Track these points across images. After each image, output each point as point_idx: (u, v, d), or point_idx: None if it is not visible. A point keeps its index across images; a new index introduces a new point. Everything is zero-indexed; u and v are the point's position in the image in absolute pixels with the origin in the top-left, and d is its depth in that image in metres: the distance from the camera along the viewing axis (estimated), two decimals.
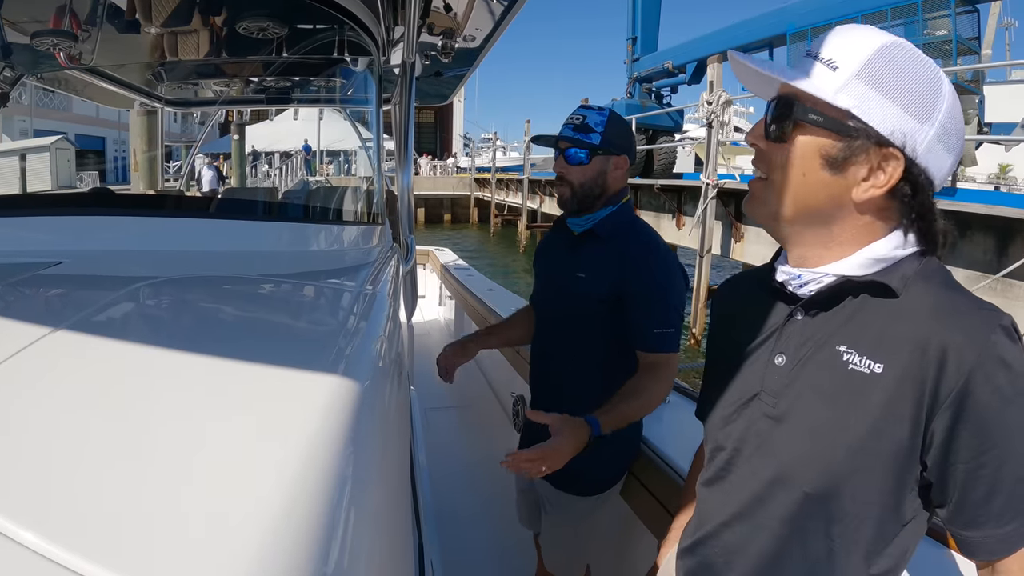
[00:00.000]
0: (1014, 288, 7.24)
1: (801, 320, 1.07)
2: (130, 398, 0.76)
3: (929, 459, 0.96)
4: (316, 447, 0.69)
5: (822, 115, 0.98)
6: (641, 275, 2.00)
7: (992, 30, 12.51)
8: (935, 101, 0.95)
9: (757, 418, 1.11)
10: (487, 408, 4.57)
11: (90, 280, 1.37)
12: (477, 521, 3.41)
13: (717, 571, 1.19)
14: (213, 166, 4.87)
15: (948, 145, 0.97)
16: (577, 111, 2.09)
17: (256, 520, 0.56)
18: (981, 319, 0.92)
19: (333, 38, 2.20)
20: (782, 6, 14.30)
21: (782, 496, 1.06)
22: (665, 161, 17.02)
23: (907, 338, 0.95)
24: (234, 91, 3.14)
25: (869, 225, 1.01)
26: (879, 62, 0.95)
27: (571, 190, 2.07)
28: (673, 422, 2.43)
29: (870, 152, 0.96)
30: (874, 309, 1.00)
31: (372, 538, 0.74)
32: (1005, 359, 0.90)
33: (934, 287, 0.98)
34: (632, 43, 19.99)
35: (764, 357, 1.12)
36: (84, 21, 1.94)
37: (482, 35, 2.84)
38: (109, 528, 0.53)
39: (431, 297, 7.41)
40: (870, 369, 0.97)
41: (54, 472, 0.60)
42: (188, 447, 0.67)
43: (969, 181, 19.97)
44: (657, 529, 2.08)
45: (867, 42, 0.97)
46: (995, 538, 0.95)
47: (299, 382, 0.87)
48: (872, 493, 0.99)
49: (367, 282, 1.66)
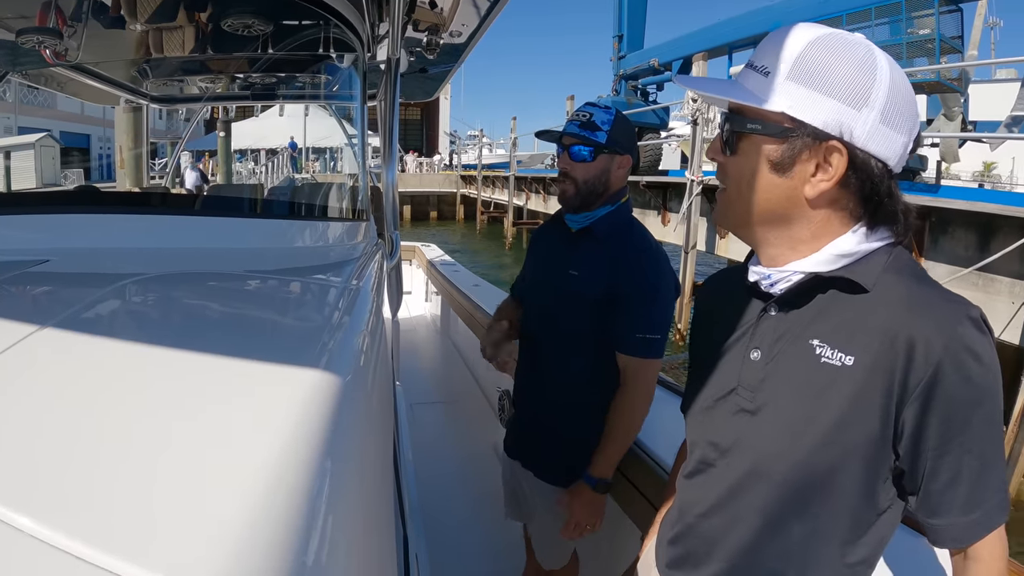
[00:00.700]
0: (995, 283, 7.32)
1: (774, 316, 1.09)
2: (116, 393, 0.77)
3: (901, 448, 0.98)
4: (296, 441, 0.70)
5: (760, 122, 1.01)
6: (632, 279, 2.01)
7: (978, 30, 12.59)
8: (870, 85, 0.96)
9: (734, 412, 1.13)
10: (473, 403, 4.59)
11: (77, 278, 1.38)
12: (464, 514, 3.43)
13: (696, 561, 1.21)
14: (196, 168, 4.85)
15: (896, 124, 0.97)
16: (584, 108, 2.09)
17: (235, 513, 0.56)
18: (949, 311, 0.94)
19: (318, 35, 2.20)
20: (768, 4, 14.35)
21: (758, 488, 1.08)
22: (651, 158, 17.03)
23: (877, 330, 0.97)
24: (220, 88, 3.14)
25: (828, 219, 1.03)
26: (806, 59, 0.97)
27: (575, 187, 2.07)
28: (659, 418, 2.45)
29: (812, 148, 0.99)
30: (845, 303, 1.02)
31: (352, 531, 0.74)
32: (973, 349, 0.92)
33: (904, 280, 1.00)
34: (618, 40, 19.98)
35: (740, 353, 1.14)
36: (69, 17, 1.94)
37: (468, 31, 2.84)
38: (90, 521, 0.53)
39: (417, 293, 7.40)
40: (841, 362, 0.99)
41: (41, 464, 0.61)
42: (170, 441, 0.68)
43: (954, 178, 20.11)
44: (643, 523, 2.11)
45: (795, 42, 0.99)
46: (959, 526, 0.98)
47: (280, 376, 0.88)
48: (846, 483, 1.01)
49: (351, 278, 1.67)
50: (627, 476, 2.27)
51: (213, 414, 0.75)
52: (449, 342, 6.03)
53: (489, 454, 3.60)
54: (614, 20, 20.25)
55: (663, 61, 18.15)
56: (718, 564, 1.17)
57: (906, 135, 0.99)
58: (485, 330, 2.45)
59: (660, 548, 1.34)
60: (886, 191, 1.00)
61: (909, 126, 0.99)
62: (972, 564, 1.00)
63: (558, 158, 2.12)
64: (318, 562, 0.60)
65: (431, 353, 6.24)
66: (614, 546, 2.54)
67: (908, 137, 0.99)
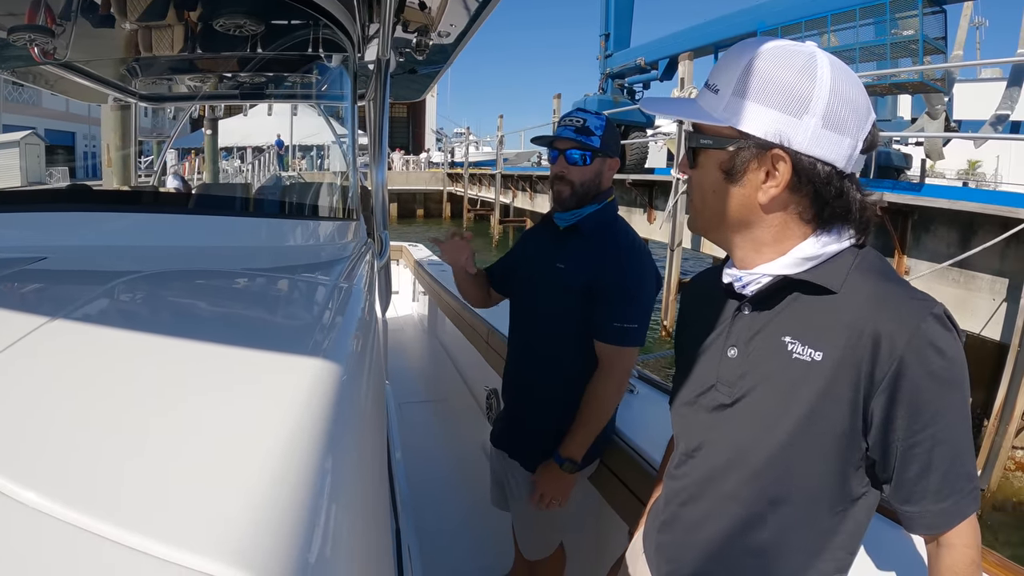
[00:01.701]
0: (976, 280, 7.42)
1: (748, 315, 1.15)
2: (117, 390, 0.78)
3: (870, 439, 1.03)
4: (298, 435, 0.72)
5: (711, 137, 1.08)
6: (613, 272, 2.10)
7: (964, 30, 12.70)
8: (809, 92, 1.00)
9: (714, 407, 1.18)
10: (461, 402, 4.61)
11: (75, 275, 1.39)
12: (453, 511, 3.46)
13: (680, 549, 1.26)
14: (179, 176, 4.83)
15: (840, 127, 1.01)
16: (575, 113, 2.17)
17: (241, 509, 0.57)
18: (913, 307, 0.99)
19: (308, 35, 2.21)
20: (754, 4, 14.42)
21: (736, 478, 1.13)
22: (637, 156, 17.09)
23: (844, 327, 1.02)
24: (209, 87, 3.14)
25: (786, 222, 1.08)
26: (749, 73, 1.02)
27: (571, 189, 2.15)
28: (643, 413, 2.50)
29: (760, 158, 1.04)
30: (814, 302, 1.07)
31: (352, 525, 0.76)
32: (936, 344, 0.96)
33: (870, 279, 1.05)
34: (605, 39, 20.02)
35: (718, 350, 1.19)
36: (59, 16, 1.94)
37: (456, 31, 2.86)
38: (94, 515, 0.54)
39: (405, 293, 7.41)
40: (811, 357, 1.04)
41: (47, 458, 0.62)
42: (171, 439, 0.69)
43: (939, 176, 20.28)
44: (627, 515, 2.15)
45: (740, 58, 1.05)
46: (932, 513, 1.02)
47: (278, 375, 0.89)
48: (819, 473, 1.06)
49: (342, 277, 1.69)
50: (611, 468, 2.32)
51: (217, 409, 0.77)
52: (437, 342, 6.04)
53: (477, 452, 3.62)
54: (601, 19, 20.30)
55: (649, 60, 18.21)
56: (701, 551, 1.21)
57: (852, 136, 1.02)
58: None
59: (648, 537, 1.40)
60: (836, 192, 1.04)
61: (856, 127, 1.02)
62: (945, 551, 1.04)
63: (552, 161, 2.19)
64: (322, 554, 0.61)
65: (419, 353, 6.26)
66: (599, 538, 2.57)
67: (855, 138, 1.03)
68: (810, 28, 12.40)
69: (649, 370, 3.05)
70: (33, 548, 0.51)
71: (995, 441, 6.80)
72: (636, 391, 2.72)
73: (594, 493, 2.44)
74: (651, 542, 1.36)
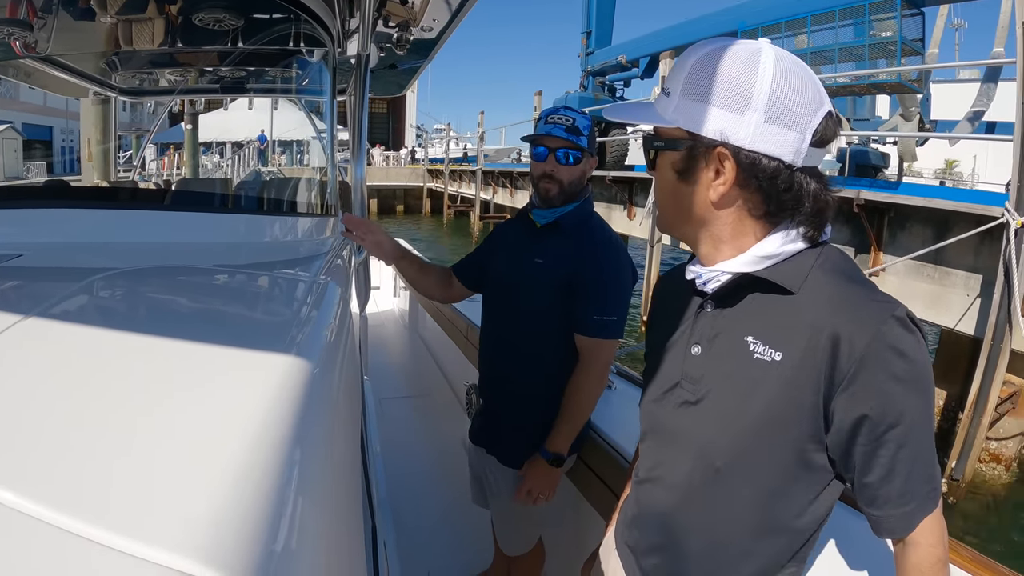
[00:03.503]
0: (950, 276, 7.53)
1: (711, 313, 1.16)
2: (88, 388, 0.78)
3: (829, 440, 1.04)
4: (263, 430, 0.72)
5: (663, 139, 1.11)
6: (592, 265, 2.12)
7: (940, 30, 12.86)
8: (750, 90, 1.00)
9: (679, 404, 1.19)
10: (441, 397, 4.62)
11: (52, 272, 1.38)
12: (433, 506, 3.46)
13: (651, 543, 1.28)
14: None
15: (785, 121, 1.01)
16: (563, 112, 2.17)
17: (204, 503, 0.58)
18: (874, 309, 0.99)
19: (288, 30, 2.21)
20: (735, 4, 14.49)
21: (700, 476, 1.15)
22: (617, 153, 17.16)
23: (804, 327, 1.02)
24: (189, 81, 3.13)
25: (740, 217, 1.09)
26: (695, 74, 1.05)
27: (560, 187, 2.16)
28: (620, 408, 2.52)
29: (707, 156, 1.05)
30: (775, 301, 1.08)
31: (319, 519, 0.76)
32: (897, 347, 0.97)
33: (832, 279, 1.05)
34: (586, 37, 20.07)
35: (683, 348, 1.20)
36: (40, 9, 1.94)
37: (438, 27, 2.86)
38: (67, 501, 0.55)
39: (386, 288, 7.40)
40: (771, 357, 1.05)
41: (13, 453, 0.62)
42: (138, 432, 0.69)
43: (916, 176, 20.49)
44: (604, 510, 2.17)
45: (689, 60, 1.07)
46: (895, 517, 1.03)
47: (249, 367, 0.90)
48: (780, 471, 1.07)
49: (319, 272, 1.69)
50: (588, 464, 2.34)
51: (182, 406, 0.77)
52: (417, 337, 6.04)
53: (457, 447, 3.63)
54: (583, 16, 20.35)
55: (630, 58, 18.25)
56: (669, 547, 1.23)
57: (799, 130, 1.01)
58: None
59: (619, 532, 1.41)
60: (784, 186, 1.04)
61: (804, 121, 1.01)
62: (911, 550, 1.06)
63: (540, 159, 2.18)
64: (287, 548, 0.62)
65: (399, 348, 6.25)
66: (578, 532, 2.59)
67: (803, 131, 1.01)
68: (790, 29, 12.48)
69: (626, 365, 3.08)
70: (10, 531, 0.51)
71: (969, 433, 6.91)
72: (614, 387, 2.74)
73: (572, 488, 2.46)
74: (622, 538, 1.38)
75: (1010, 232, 6.54)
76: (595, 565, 1.56)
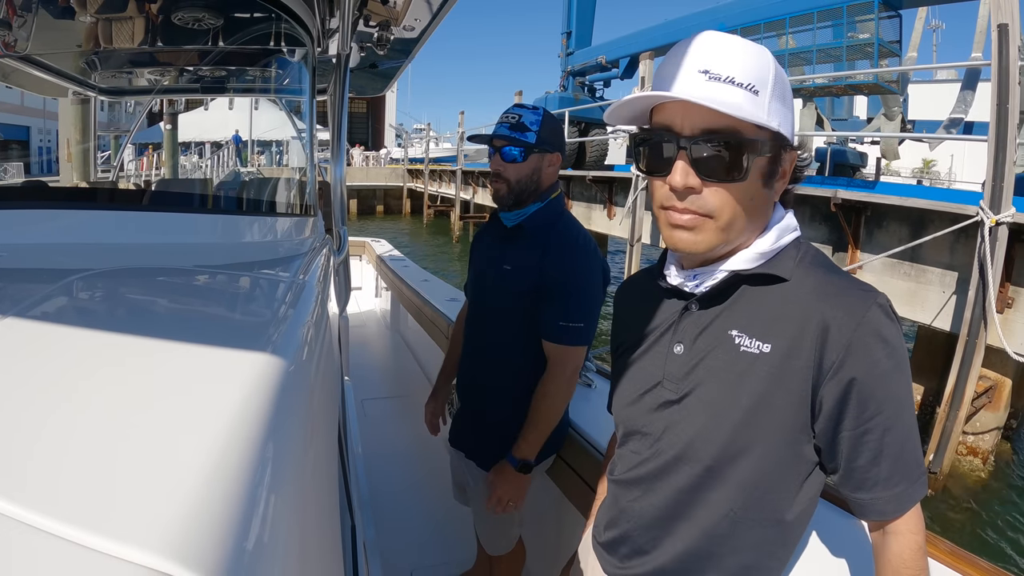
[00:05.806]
0: (926, 273, 7.63)
1: (696, 312, 1.17)
2: (62, 387, 0.78)
3: (818, 427, 1.06)
4: (236, 432, 0.72)
5: (766, 141, 1.04)
6: (557, 270, 2.08)
7: (919, 32, 13.04)
8: (787, 84, 1.05)
9: (661, 403, 1.20)
10: (423, 398, 4.60)
11: (29, 273, 1.36)
12: (415, 506, 3.47)
13: (631, 543, 1.28)
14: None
15: (787, 101, 1.05)
16: (512, 109, 2.15)
17: (175, 502, 0.58)
18: (858, 298, 1.02)
19: (268, 29, 2.21)
20: (714, 6, 14.60)
21: (686, 471, 1.15)
22: (597, 153, 17.25)
23: (791, 318, 1.05)
24: (168, 80, 3.11)
25: (768, 211, 1.12)
26: (777, 76, 1.04)
27: (507, 186, 2.14)
28: (600, 407, 2.52)
29: (785, 158, 1.07)
30: (761, 296, 1.10)
31: (293, 518, 0.76)
32: (881, 333, 1.00)
33: (815, 271, 1.08)
34: (567, 37, 20.16)
35: (663, 348, 1.21)
36: (19, 8, 1.92)
37: (420, 26, 2.85)
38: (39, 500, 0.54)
39: (367, 288, 7.37)
40: (759, 349, 1.07)
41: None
42: (110, 432, 0.69)
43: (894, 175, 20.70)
44: (585, 509, 2.18)
45: (767, 59, 1.03)
46: (884, 499, 1.05)
47: (224, 366, 0.90)
48: (769, 463, 1.09)
49: (298, 273, 1.68)
50: (569, 463, 2.34)
51: (155, 405, 0.76)
52: (399, 337, 6.03)
53: (439, 447, 3.64)
54: (563, 17, 20.41)
55: (610, 59, 18.36)
56: (651, 544, 1.24)
57: (790, 103, 1.08)
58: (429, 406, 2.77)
59: (597, 532, 1.41)
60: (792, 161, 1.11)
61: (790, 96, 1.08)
62: (892, 538, 1.07)
63: (490, 158, 2.19)
64: (259, 546, 0.62)
65: (381, 349, 6.24)
66: (560, 532, 2.61)
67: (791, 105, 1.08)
68: (769, 30, 12.62)
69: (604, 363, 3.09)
70: None
71: (946, 427, 7.01)
72: (594, 385, 2.75)
73: (553, 487, 2.47)
74: (600, 538, 1.38)
75: (984, 230, 6.64)
76: (574, 566, 1.56)
